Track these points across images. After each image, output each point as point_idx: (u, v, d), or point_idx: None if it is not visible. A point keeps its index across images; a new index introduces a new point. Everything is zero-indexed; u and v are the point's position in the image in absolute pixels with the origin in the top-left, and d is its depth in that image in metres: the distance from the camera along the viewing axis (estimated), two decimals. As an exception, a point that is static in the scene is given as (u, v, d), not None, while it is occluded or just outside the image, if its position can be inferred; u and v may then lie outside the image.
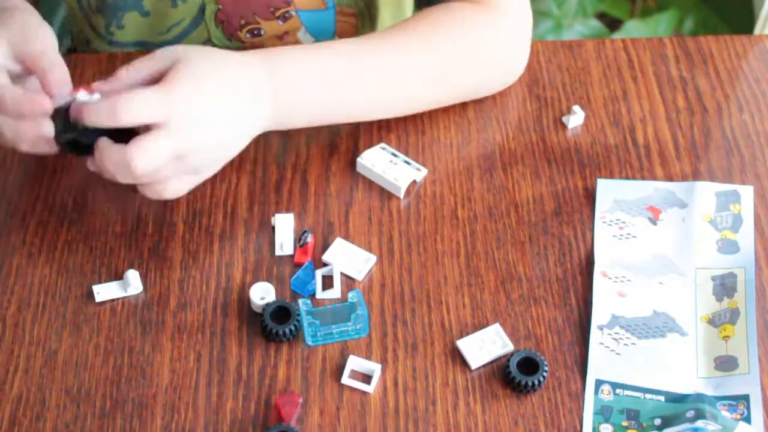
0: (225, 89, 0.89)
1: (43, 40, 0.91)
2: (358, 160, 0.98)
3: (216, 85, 0.88)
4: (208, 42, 1.12)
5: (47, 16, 0.99)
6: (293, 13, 1.09)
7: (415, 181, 0.98)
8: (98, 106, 0.85)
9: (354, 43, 0.98)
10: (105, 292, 0.91)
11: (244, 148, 0.93)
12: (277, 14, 1.09)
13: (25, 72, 0.90)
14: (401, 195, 0.97)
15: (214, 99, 0.88)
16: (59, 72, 0.88)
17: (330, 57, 0.95)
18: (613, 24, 1.92)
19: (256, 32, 1.10)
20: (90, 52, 1.17)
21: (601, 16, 1.92)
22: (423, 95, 1.00)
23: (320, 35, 1.12)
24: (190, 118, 0.86)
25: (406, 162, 0.98)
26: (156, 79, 0.88)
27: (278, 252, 0.93)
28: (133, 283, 0.90)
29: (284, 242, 0.94)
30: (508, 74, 1.04)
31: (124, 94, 0.85)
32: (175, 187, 0.89)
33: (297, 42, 1.12)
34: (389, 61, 0.97)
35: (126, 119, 0.84)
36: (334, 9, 1.11)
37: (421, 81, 0.98)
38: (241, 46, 1.12)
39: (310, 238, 0.93)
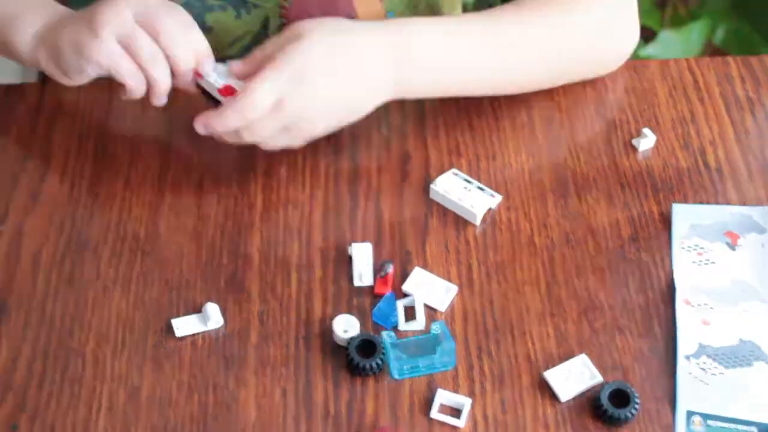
0: (344, 54, 0.94)
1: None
2: (432, 186, 0.97)
3: (338, 64, 0.94)
4: None
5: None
6: None
7: (490, 208, 0.97)
8: (226, 113, 0.92)
9: (477, 16, 1.01)
10: (185, 326, 0.89)
11: (368, 111, 0.96)
12: None
13: None
14: (477, 222, 0.96)
15: (334, 80, 0.93)
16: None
17: (456, 28, 0.98)
18: (645, 34, 1.91)
19: None
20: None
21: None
22: (539, 70, 1.03)
23: None
24: (306, 100, 0.92)
25: (480, 188, 0.97)
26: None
27: (357, 282, 0.92)
28: (213, 316, 0.89)
29: (363, 272, 0.93)
30: (614, 57, 1.06)
31: (245, 96, 0.91)
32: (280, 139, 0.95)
33: None
34: (510, 35, 1.00)
35: (252, 115, 0.91)
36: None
37: (538, 56, 1.01)
38: None
39: (391, 269, 0.92)
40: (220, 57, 0.97)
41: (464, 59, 0.99)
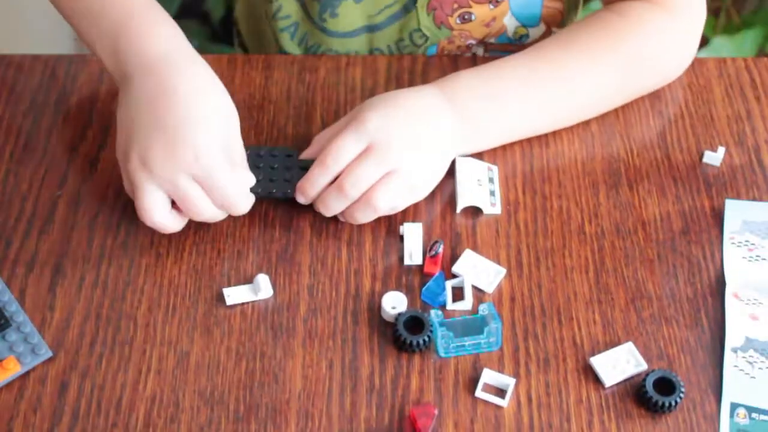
0: (414, 113, 0.94)
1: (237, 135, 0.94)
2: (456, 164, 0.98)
3: (406, 109, 0.94)
4: (416, 31, 1.12)
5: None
6: None
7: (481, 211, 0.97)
8: (313, 173, 0.92)
9: (523, 58, 0.99)
10: (235, 295, 0.91)
11: (445, 168, 0.96)
12: None
13: None
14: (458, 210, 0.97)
15: (403, 118, 0.93)
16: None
17: (500, 76, 0.98)
18: (698, 40, 1.90)
19: (467, 17, 1.11)
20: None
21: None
22: (597, 102, 1.02)
23: (526, 20, 1.13)
24: (390, 137, 0.91)
25: (492, 192, 0.97)
26: None
27: (407, 261, 0.93)
28: (263, 287, 0.90)
29: (413, 252, 0.93)
30: (671, 73, 1.05)
31: (327, 148, 0.92)
32: (399, 207, 0.94)
33: (503, 29, 1.13)
34: (561, 73, 0.99)
35: (337, 166, 0.91)
36: None
37: (595, 89, 1.01)
38: (449, 36, 1.13)
39: (441, 249, 0.92)
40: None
41: (516, 106, 0.98)
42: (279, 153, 0.96)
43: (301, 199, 0.94)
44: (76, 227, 0.95)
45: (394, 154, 0.91)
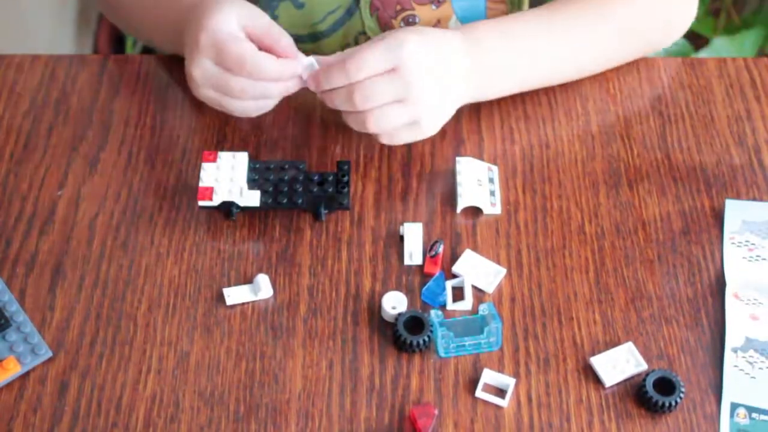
0: (440, 50, 0.95)
1: (263, 13, 0.97)
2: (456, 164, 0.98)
3: (433, 43, 0.95)
4: (362, 34, 1.12)
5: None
6: None
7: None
8: (332, 70, 0.92)
9: (539, 13, 1.03)
10: (236, 295, 0.91)
11: (452, 114, 0.98)
12: None
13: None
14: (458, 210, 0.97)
15: (434, 53, 0.94)
16: (290, 40, 0.96)
17: (519, 27, 1.01)
18: (698, 41, 1.90)
19: (411, 20, 1.11)
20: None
21: (685, 35, 1.90)
22: (600, 57, 1.06)
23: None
24: (413, 64, 0.92)
25: (492, 192, 0.97)
26: None
27: (407, 261, 0.93)
28: (263, 287, 0.90)
29: (413, 252, 0.93)
30: (675, 32, 1.09)
31: (352, 55, 0.92)
32: (403, 137, 0.96)
33: None
34: (571, 27, 1.02)
35: (356, 74, 0.91)
36: None
37: (598, 44, 1.04)
38: None
39: (441, 249, 0.92)
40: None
41: (531, 56, 1.01)
42: (289, 165, 0.96)
43: (312, 85, 0.95)
44: (76, 227, 0.95)
45: (417, 85, 0.92)
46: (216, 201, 0.93)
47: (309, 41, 1.13)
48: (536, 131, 1.03)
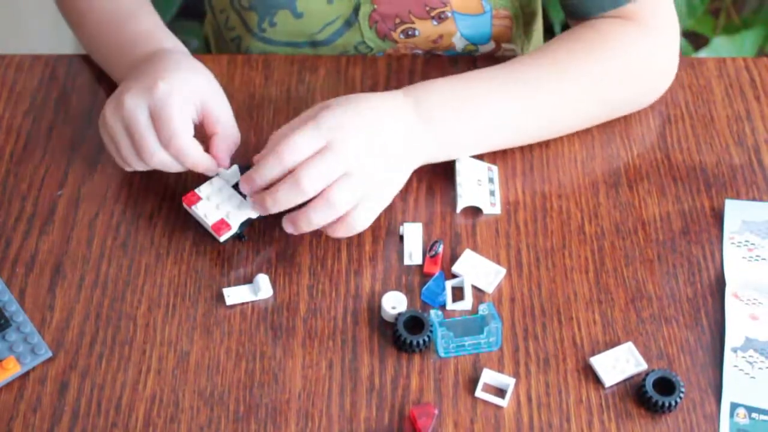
0: (374, 116, 0.92)
1: (224, 101, 0.96)
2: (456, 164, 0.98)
3: (365, 112, 0.91)
4: (361, 44, 1.12)
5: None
6: (449, 15, 1.09)
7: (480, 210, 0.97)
8: (265, 161, 0.89)
9: (496, 71, 0.98)
10: (236, 295, 0.91)
11: (407, 176, 0.94)
12: (433, 14, 1.09)
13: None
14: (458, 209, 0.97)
15: (366, 121, 0.91)
16: (232, 141, 0.95)
17: (472, 87, 0.96)
18: (698, 41, 1.90)
19: (410, 33, 1.10)
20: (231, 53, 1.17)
21: (685, 35, 1.91)
22: (565, 119, 1.00)
23: (476, 40, 1.12)
24: (347, 136, 0.89)
25: (492, 192, 0.97)
26: None
27: (407, 261, 0.93)
28: (263, 287, 0.90)
29: (413, 252, 0.93)
30: (653, 91, 1.03)
31: (282, 141, 0.88)
32: (362, 216, 0.90)
33: (451, 47, 1.12)
34: (532, 86, 0.97)
35: (291, 159, 0.88)
36: (491, 12, 1.11)
37: (567, 103, 0.98)
38: (395, 47, 1.12)
39: (441, 249, 0.92)
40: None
41: (486, 118, 0.96)
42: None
43: (245, 188, 0.91)
44: (76, 227, 0.95)
45: (351, 153, 0.88)
46: (235, 225, 0.92)
47: (308, 47, 1.13)
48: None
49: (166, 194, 0.98)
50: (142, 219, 0.96)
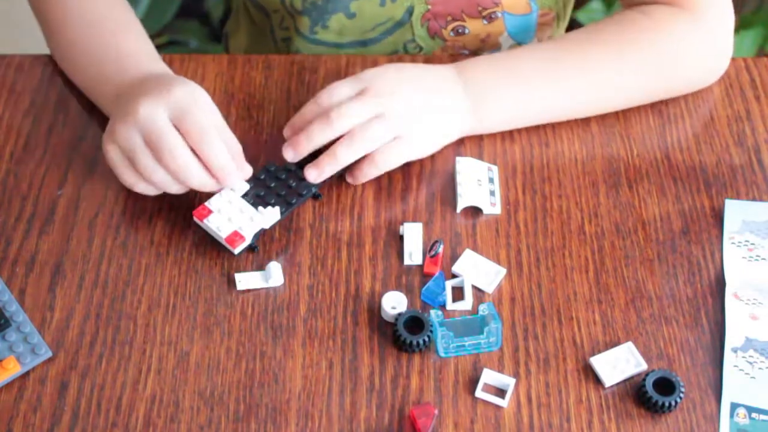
0: (418, 75, 0.95)
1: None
2: (456, 163, 0.98)
3: (410, 72, 0.95)
4: (411, 42, 1.13)
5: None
6: (499, 15, 1.10)
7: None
8: (304, 110, 0.93)
9: (544, 47, 1.00)
10: (246, 281, 0.91)
11: (447, 137, 0.97)
12: (484, 14, 1.10)
13: None
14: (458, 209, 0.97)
15: (409, 77, 0.95)
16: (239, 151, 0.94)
17: (519, 63, 0.98)
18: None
19: (460, 30, 1.11)
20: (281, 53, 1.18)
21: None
22: (616, 97, 1.02)
23: (521, 38, 1.14)
24: (386, 83, 0.93)
25: (492, 192, 0.97)
26: None
27: (407, 261, 0.93)
28: (274, 274, 0.91)
29: (413, 252, 0.93)
30: (706, 77, 1.04)
31: (324, 88, 0.93)
32: (390, 154, 0.94)
33: (497, 45, 1.14)
34: (582, 63, 0.99)
35: (328, 101, 0.92)
36: (537, 12, 1.12)
37: (614, 88, 1.00)
38: (444, 45, 1.13)
39: (441, 249, 0.92)
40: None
41: (531, 94, 0.99)
42: (262, 172, 0.95)
43: (287, 132, 0.94)
44: (76, 227, 0.95)
45: (384, 99, 0.92)
46: (249, 237, 0.91)
47: (358, 47, 1.13)
48: (536, 131, 1.03)
49: (166, 194, 0.97)
50: (142, 219, 0.96)
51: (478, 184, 0.97)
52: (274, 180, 0.95)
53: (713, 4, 1.02)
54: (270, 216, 0.92)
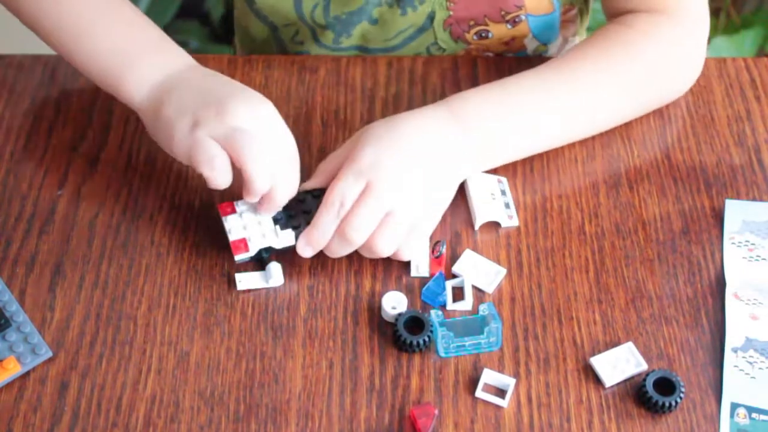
0: (413, 142, 0.91)
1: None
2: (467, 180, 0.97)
3: (403, 139, 0.91)
4: (433, 45, 1.12)
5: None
6: (523, 18, 1.10)
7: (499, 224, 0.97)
8: (320, 218, 0.89)
9: (534, 74, 0.98)
10: (247, 281, 0.91)
11: (455, 190, 0.94)
12: (507, 18, 1.09)
13: None
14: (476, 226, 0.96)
15: (404, 150, 0.91)
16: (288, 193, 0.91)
17: (511, 93, 0.96)
18: (698, 40, 1.90)
19: (483, 35, 1.11)
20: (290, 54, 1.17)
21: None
22: (605, 117, 1.01)
23: (546, 38, 1.14)
24: (385, 174, 0.89)
25: (506, 205, 0.97)
26: None
27: (414, 273, 0.92)
28: (275, 274, 0.90)
29: (420, 265, 0.93)
30: (683, 84, 1.04)
31: (328, 193, 0.89)
32: (409, 250, 0.92)
33: (523, 48, 1.13)
34: (575, 86, 0.97)
35: (342, 210, 0.88)
36: (560, 10, 1.12)
37: (609, 101, 0.99)
38: (467, 48, 1.13)
39: (444, 249, 0.92)
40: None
41: (527, 123, 0.96)
42: (302, 195, 0.93)
43: (308, 252, 0.90)
44: (76, 227, 0.95)
45: (391, 193, 0.88)
46: (253, 250, 0.91)
47: (380, 53, 1.13)
48: (536, 131, 1.02)
49: (166, 194, 0.98)
50: (142, 219, 0.96)
51: (492, 198, 0.96)
52: (313, 207, 0.92)
53: (692, 5, 1.02)
54: (283, 238, 0.91)
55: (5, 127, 1.03)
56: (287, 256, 0.93)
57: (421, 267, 0.92)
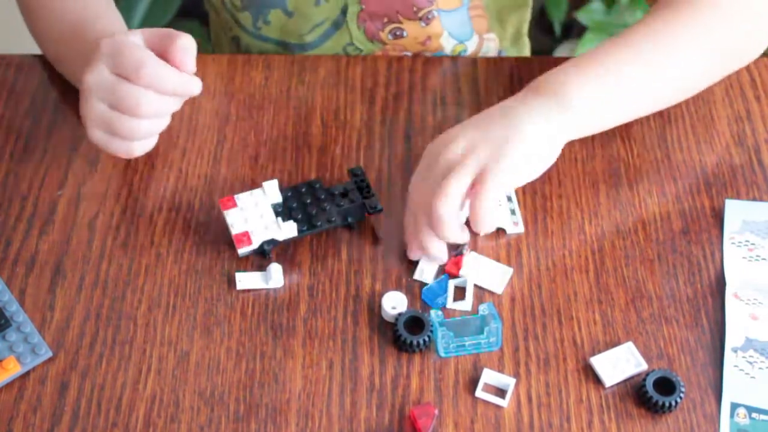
0: (512, 131, 0.90)
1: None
2: None
3: (501, 131, 0.91)
4: (350, 45, 1.12)
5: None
6: (435, 14, 1.10)
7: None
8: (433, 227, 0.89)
9: (617, 44, 0.96)
10: (246, 280, 0.91)
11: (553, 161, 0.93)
12: (420, 14, 1.09)
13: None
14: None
15: (507, 141, 0.90)
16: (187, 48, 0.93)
17: (602, 61, 0.94)
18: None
19: (398, 33, 1.11)
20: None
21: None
22: (697, 81, 1.00)
23: (461, 36, 1.14)
24: (493, 174, 0.88)
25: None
26: None
27: (417, 276, 0.92)
28: (275, 276, 0.90)
29: (425, 269, 0.93)
30: (759, 44, 1.02)
31: (435, 200, 0.88)
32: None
33: (440, 48, 1.14)
34: (660, 54, 0.96)
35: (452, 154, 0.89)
36: (467, 4, 1.13)
37: (693, 69, 0.98)
38: (383, 48, 1.12)
39: (466, 251, 0.92)
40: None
41: (624, 93, 0.95)
42: (305, 187, 0.94)
43: (416, 253, 0.92)
44: (76, 227, 0.95)
45: (498, 189, 0.88)
46: (256, 243, 0.91)
47: (298, 51, 1.14)
48: (536, 131, 1.02)
49: (166, 194, 0.98)
50: (142, 219, 0.96)
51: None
52: (311, 198, 0.94)
53: None
54: (286, 230, 0.91)
55: (5, 127, 1.03)
56: (287, 256, 0.93)
57: (426, 272, 0.92)
